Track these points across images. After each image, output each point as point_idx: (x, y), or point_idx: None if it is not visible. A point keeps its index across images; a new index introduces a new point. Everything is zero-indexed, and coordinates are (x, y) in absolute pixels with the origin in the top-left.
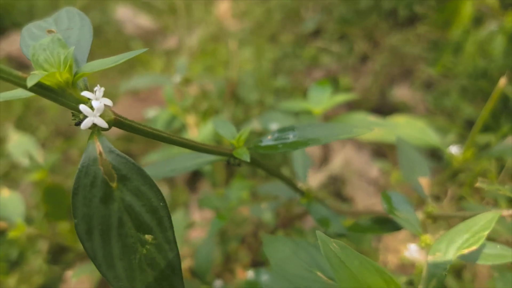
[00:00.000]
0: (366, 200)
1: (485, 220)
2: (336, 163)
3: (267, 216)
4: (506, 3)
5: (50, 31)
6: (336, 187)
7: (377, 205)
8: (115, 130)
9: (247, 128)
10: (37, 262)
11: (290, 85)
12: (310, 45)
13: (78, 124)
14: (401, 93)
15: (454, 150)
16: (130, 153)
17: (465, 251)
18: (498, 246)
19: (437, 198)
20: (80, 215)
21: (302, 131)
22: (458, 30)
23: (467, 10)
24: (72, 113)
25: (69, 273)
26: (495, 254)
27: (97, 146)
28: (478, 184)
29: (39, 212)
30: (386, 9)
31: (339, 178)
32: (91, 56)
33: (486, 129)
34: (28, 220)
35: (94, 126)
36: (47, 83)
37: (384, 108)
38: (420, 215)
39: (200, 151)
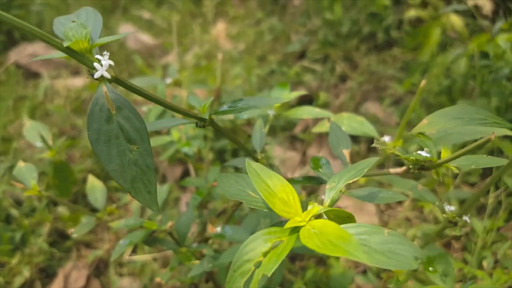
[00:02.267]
0: (339, 201)
1: (367, 163)
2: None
3: None
4: (472, 30)
5: (73, 21)
6: (312, 188)
7: (354, 211)
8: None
9: (210, 99)
10: (38, 245)
11: None
12: (296, 64)
13: (92, 76)
14: (374, 108)
15: (386, 139)
16: None
17: (350, 181)
18: (391, 192)
19: None
20: (92, 129)
21: (247, 101)
22: (427, 53)
23: (436, 35)
24: (88, 70)
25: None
26: (388, 196)
27: (104, 88)
28: (373, 145)
29: (40, 203)
30: (365, 33)
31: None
32: None
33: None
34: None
35: (102, 76)
36: (74, 47)
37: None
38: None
39: (175, 111)
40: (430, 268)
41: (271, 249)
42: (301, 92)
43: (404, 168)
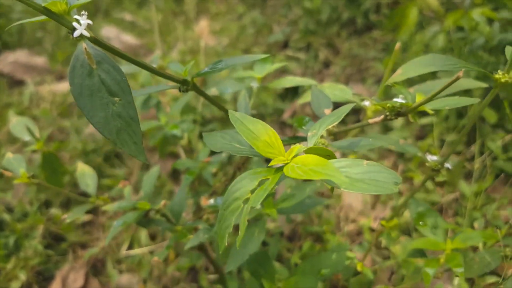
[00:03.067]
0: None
1: (345, 108)
2: None
3: (223, 156)
4: (448, 7)
5: None
6: None
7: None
8: None
9: (191, 62)
10: (33, 248)
11: None
12: (280, 54)
13: (72, 35)
14: (358, 88)
15: (366, 103)
16: None
17: (330, 126)
18: (371, 139)
19: None
20: (74, 84)
21: (227, 62)
22: (406, 32)
23: (413, 15)
24: (68, 31)
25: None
26: (368, 144)
27: (83, 45)
28: (353, 95)
29: (32, 207)
30: (345, 19)
31: None
32: None
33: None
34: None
35: (81, 35)
36: (53, 9)
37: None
38: (324, 133)
39: (158, 74)
40: (420, 223)
41: (257, 187)
42: (283, 63)
43: (382, 116)
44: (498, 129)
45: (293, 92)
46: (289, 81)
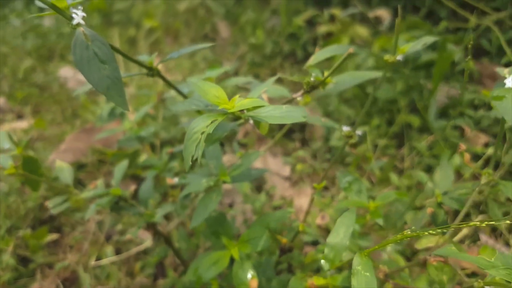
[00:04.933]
0: (283, 192)
1: (271, 79)
2: (256, 166)
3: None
4: (375, 34)
5: None
6: (259, 183)
7: (294, 195)
8: None
9: (154, 54)
10: (5, 263)
11: None
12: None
13: (72, 23)
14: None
15: (298, 98)
16: None
17: (262, 91)
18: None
19: None
20: (76, 53)
21: (180, 52)
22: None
23: (344, 43)
24: (68, 23)
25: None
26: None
27: (81, 29)
28: (278, 76)
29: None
30: (286, 52)
31: (261, 177)
32: (37, 110)
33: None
34: None
35: (78, 23)
36: (58, 5)
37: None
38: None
39: (129, 59)
40: (348, 187)
41: (210, 123)
42: (226, 68)
43: (301, 91)
44: (423, 133)
45: None
46: (234, 82)
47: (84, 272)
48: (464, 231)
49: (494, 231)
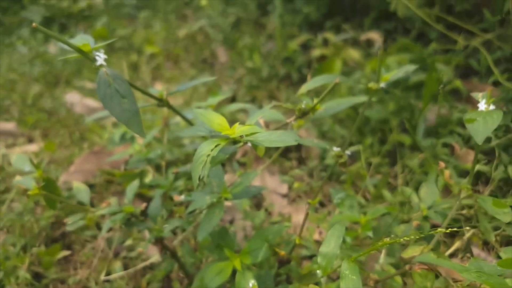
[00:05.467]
0: (281, 209)
1: (267, 107)
2: (255, 184)
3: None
4: (366, 56)
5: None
6: (258, 201)
7: (292, 212)
8: None
9: (164, 88)
10: (21, 278)
11: None
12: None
13: (96, 63)
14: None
15: (293, 122)
16: None
17: (259, 117)
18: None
19: None
20: (100, 91)
21: (186, 85)
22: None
23: (337, 66)
24: (91, 64)
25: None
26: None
27: (104, 70)
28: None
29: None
30: (282, 74)
31: (260, 195)
32: (46, 134)
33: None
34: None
35: (101, 64)
36: (84, 49)
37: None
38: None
39: (143, 92)
40: (341, 203)
41: (215, 147)
42: (226, 95)
43: (294, 116)
44: (414, 151)
45: None
46: (234, 107)
47: (95, 286)
48: (457, 244)
49: (487, 245)
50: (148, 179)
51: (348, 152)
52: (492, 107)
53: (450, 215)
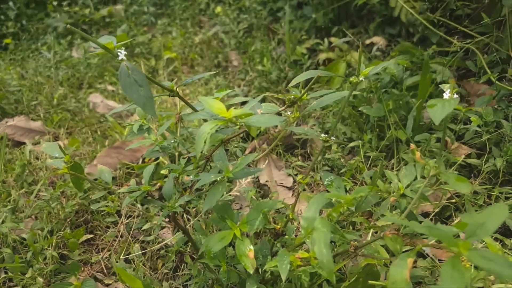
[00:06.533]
0: (287, 200)
1: (257, 98)
2: (263, 178)
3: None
4: (370, 59)
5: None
6: (264, 192)
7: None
8: None
9: (174, 80)
10: (49, 255)
11: None
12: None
13: (118, 58)
14: (303, 127)
15: (288, 113)
16: None
17: (252, 104)
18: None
19: None
20: (122, 80)
21: (193, 78)
22: (337, 82)
23: (342, 68)
24: (115, 60)
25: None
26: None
27: (124, 64)
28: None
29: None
30: (290, 77)
31: (266, 187)
32: (70, 132)
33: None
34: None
35: (122, 59)
36: (108, 46)
37: (290, 139)
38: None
39: (157, 84)
40: (330, 184)
41: (214, 127)
42: (230, 90)
43: (285, 106)
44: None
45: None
46: (237, 99)
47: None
48: None
49: None
50: (163, 171)
51: (333, 137)
52: (455, 96)
53: (420, 190)
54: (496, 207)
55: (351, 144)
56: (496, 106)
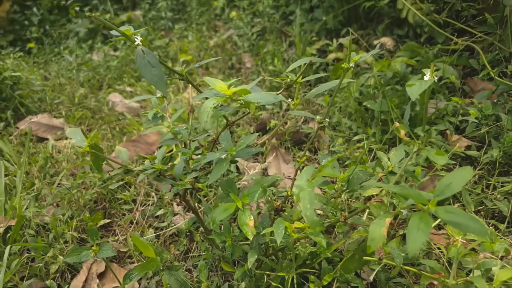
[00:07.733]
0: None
1: (255, 81)
2: (271, 171)
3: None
4: (378, 58)
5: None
6: (273, 184)
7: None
8: None
9: (184, 66)
10: (69, 237)
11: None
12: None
13: (135, 43)
14: (311, 125)
15: (290, 101)
16: None
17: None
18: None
19: None
20: (138, 62)
21: (200, 63)
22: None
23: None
24: (133, 44)
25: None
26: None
27: (140, 48)
28: (262, 77)
29: (64, 217)
30: None
31: (275, 180)
32: (90, 129)
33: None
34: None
35: (138, 43)
36: (127, 33)
37: (299, 135)
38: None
39: (168, 68)
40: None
41: (216, 102)
42: (238, 78)
43: (283, 88)
44: (413, 139)
45: (263, 130)
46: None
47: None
48: None
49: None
50: (176, 161)
51: (327, 119)
52: (435, 78)
53: (404, 164)
54: (462, 170)
55: (356, 138)
56: (495, 101)
